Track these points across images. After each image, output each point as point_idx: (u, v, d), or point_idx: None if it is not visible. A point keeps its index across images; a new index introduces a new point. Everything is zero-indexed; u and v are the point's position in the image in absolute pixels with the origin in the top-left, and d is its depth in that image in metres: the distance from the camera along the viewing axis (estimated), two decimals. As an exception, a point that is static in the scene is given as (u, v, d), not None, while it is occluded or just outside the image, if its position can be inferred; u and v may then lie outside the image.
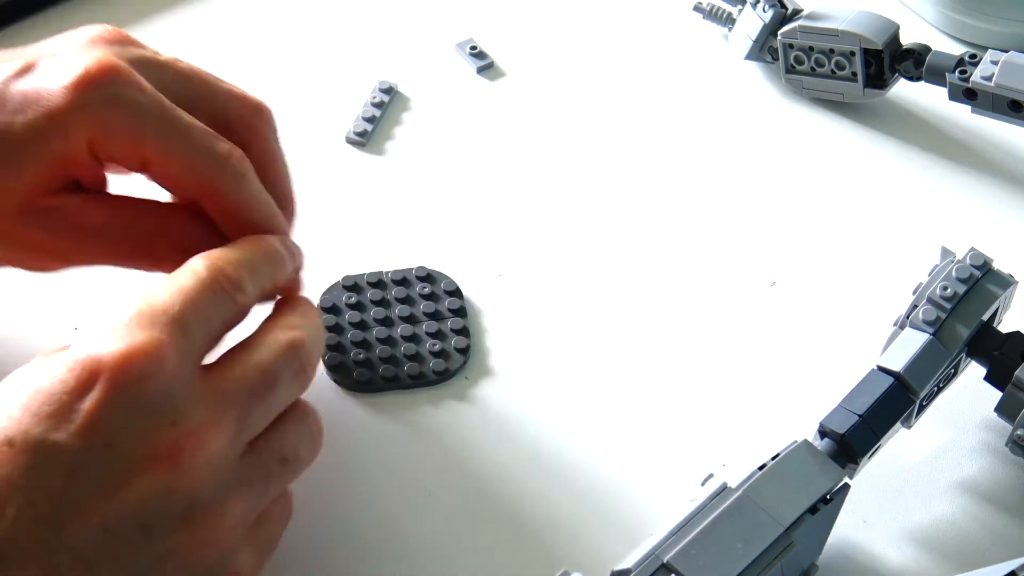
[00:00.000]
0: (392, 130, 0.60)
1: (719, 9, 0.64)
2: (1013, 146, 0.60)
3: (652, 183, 0.58)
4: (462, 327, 0.51)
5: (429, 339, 0.50)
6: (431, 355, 0.50)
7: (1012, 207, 0.57)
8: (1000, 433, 0.47)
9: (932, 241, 0.50)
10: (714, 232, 0.56)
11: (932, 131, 0.61)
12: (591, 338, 0.51)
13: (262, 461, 0.39)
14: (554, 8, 0.67)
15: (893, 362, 0.44)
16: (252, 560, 0.39)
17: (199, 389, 0.37)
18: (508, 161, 0.59)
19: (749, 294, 0.53)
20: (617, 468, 0.47)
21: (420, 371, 0.49)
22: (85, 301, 0.52)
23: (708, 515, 0.40)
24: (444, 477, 0.47)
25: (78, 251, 0.44)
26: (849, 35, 0.58)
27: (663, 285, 0.53)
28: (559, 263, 0.54)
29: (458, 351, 0.50)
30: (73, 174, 0.43)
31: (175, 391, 0.36)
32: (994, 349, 0.45)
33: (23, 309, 0.52)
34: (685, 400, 0.49)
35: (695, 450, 0.48)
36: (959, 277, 0.46)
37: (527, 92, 0.63)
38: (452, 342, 0.50)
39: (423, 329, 0.50)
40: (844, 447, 0.43)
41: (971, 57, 0.56)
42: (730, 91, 0.63)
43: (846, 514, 0.43)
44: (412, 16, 0.66)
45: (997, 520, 0.46)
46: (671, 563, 0.38)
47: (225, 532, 0.37)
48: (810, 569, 0.42)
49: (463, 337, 0.50)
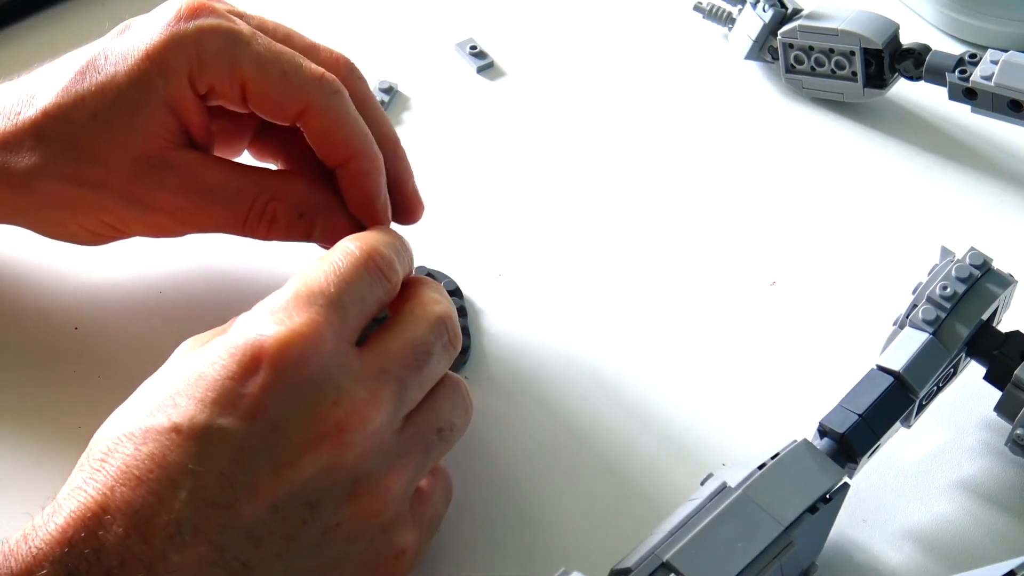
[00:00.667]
0: (392, 130, 0.60)
1: (719, 9, 0.64)
2: (1013, 146, 0.60)
3: (652, 183, 0.58)
4: (462, 327, 0.51)
5: None
6: None
7: (1012, 207, 0.57)
8: (1000, 432, 0.47)
9: (932, 241, 0.50)
10: (714, 232, 0.56)
11: (932, 131, 0.61)
12: (591, 337, 0.51)
13: (420, 433, 0.40)
14: (554, 8, 0.67)
15: (893, 361, 0.44)
16: (415, 537, 0.40)
17: (357, 367, 0.38)
18: (508, 161, 0.59)
19: (749, 293, 0.53)
20: (617, 467, 0.47)
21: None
22: (85, 301, 0.52)
23: (708, 514, 0.40)
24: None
25: (196, 213, 0.45)
26: (849, 35, 0.58)
27: (663, 284, 0.53)
28: (559, 263, 0.54)
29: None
30: (183, 122, 0.45)
31: (335, 370, 0.37)
32: (994, 348, 0.45)
33: (23, 309, 0.52)
34: (685, 399, 0.49)
35: (695, 449, 0.48)
36: (959, 276, 0.46)
37: (527, 92, 0.63)
38: None
39: None
40: (844, 446, 0.43)
41: (971, 57, 0.56)
42: (730, 91, 0.63)
43: (846, 513, 0.43)
44: (412, 16, 0.66)
45: (997, 520, 0.46)
46: (671, 562, 0.38)
47: (388, 504, 0.38)
48: (810, 568, 0.42)
49: (463, 337, 0.50)
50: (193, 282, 0.53)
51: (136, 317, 0.51)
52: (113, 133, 0.44)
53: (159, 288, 0.52)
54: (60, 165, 0.45)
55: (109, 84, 0.44)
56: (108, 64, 0.44)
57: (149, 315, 0.51)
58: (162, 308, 0.52)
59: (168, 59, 0.44)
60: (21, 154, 0.45)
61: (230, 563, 0.36)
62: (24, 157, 0.45)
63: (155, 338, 0.45)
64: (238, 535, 0.36)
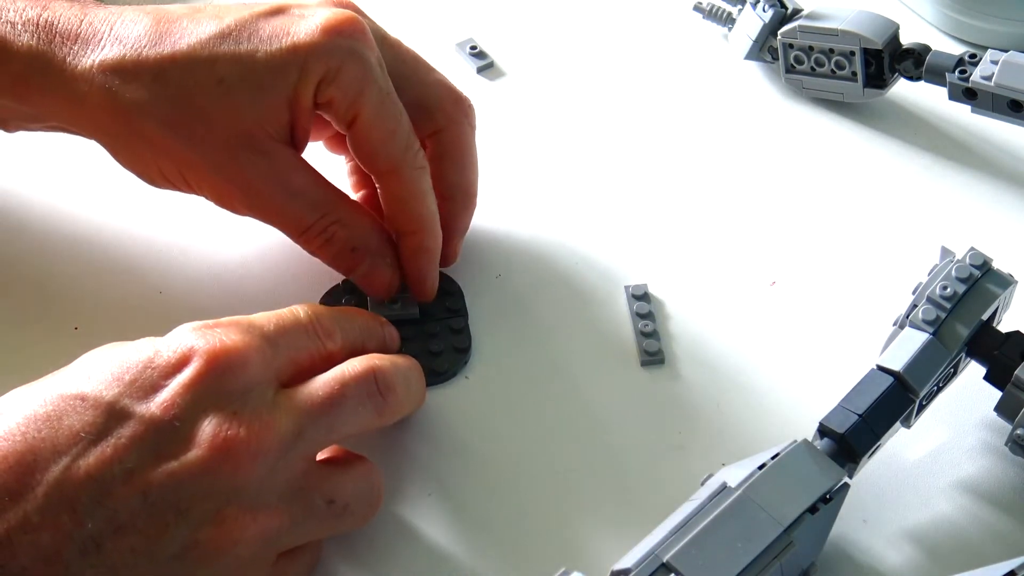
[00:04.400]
0: (392, 130, 0.60)
1: (719, 9, 0.64)
2: (1013, 146, 0.60)
3: (652, 183, 0.58)
4: (462, 327, 0.51)
5: (429, 339, 0.50)
6: (431, 355, 0.50)
7: (1012, 207, 0.57)
8: (1000, 432, 0.47)
9: (932, 241, 0.50)
10: (714, 231, 0.56)
11: (932, 131, 0.61)
12: (593, 337, 0.51)
13: (310, 492, 0.40)
14: (554, 8, 0.67)
15: (893, 362, 0.44)
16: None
17: (270, 396, 0.40)
18: (508, 161, 0.59)
19: (749, 294, 0.53)
20: (617, 467, 0.47)
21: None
22: (85, 301, 0.52)
23: (708, 514, 0.40)
24: (443, 476, 0.47)
25: (267, 204, 0.47)
26: (849, 35, 0.58)
27: (663, 284, 0.53)
28: (559, 263, 0.54)
29: (458, 351, 0.50)
30: (292, 120, 0.46)
31: (250, 391, 0.39)
32: (994, 348, 0.45)
33: (23, 310, 0.52)
34: (684, 399, 0.49)
35: (695, 449, 0.48)
36: (959, 276, 0.46)
37: (527, 92, 0.63)
38: (452, 342, 0.50)
39: (423, 329, 0.50)
40: (844, 447, 0.43)
41: (971, 57, 0.56)
42: (730, 91, 0.63)
43: (846, 513, 0.43)
44: (412, 16, 0.66)
45: (997, 520, 0.46)
46: (671, 562, 0.38)
47: (250, 539, 0.38)
48: (810, 568, 0.42)
49: (463, 337, 0.50)
50: (193, 282, 0.53)
51: (136, 317, 0.51)
52: (230, 103, 0.45)
53: (159, 288, 0.52)
54: (168, 111, 0.45)
55: (246, 57, 0.45)
56: (252, 39, 0.45)
57: (149, 315, 0.51)
58: (162, 308, 0.52)
59: (310, 61, 0.45)
60: (135, 86, 0.45)
61: (86, 541, 0.36)
62: (137, 90, 0.45)
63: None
64: (102, 515, 0.36)
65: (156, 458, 0.37)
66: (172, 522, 0.37)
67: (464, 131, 0.50)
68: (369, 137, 0.46)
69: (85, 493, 0.36)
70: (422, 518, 0.45)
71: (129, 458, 0.37)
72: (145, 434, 0.37)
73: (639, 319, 0.51)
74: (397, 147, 0.47)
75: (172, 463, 0.37)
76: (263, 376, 0.39)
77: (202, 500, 0.37)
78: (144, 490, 0.37)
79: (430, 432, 0.48)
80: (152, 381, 0.38)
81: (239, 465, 0.38)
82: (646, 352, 0.50)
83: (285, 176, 0.46)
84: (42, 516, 0.36)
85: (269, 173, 0.46)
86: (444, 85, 0.50)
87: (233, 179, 0.46)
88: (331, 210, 0.47)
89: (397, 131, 0.47)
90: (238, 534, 0.38)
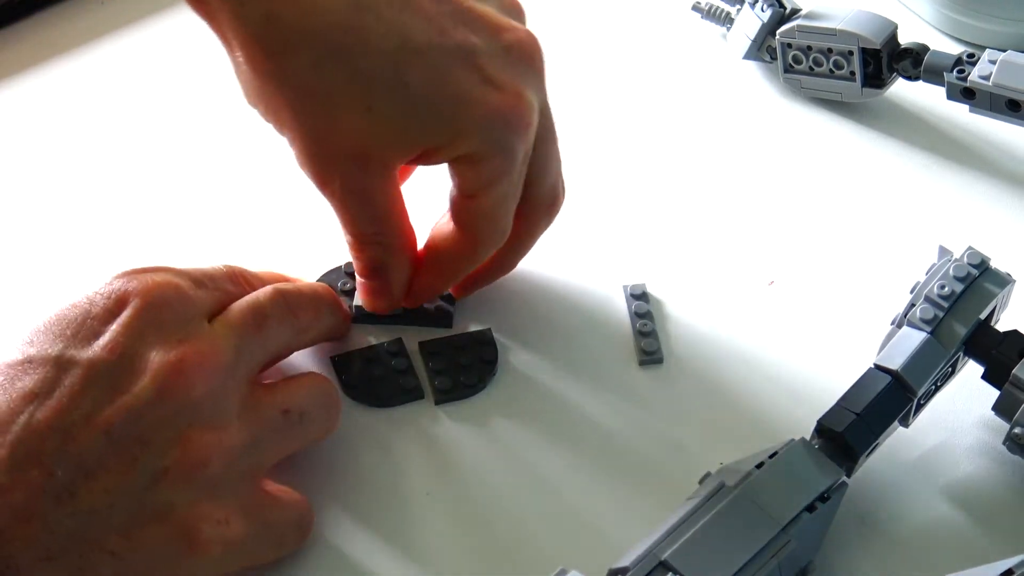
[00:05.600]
0: (391, 130, 0.60)
1: (717, 9, 0.64)
2: (1011, 145, 0.60)
3: (650, 182, 0.58)
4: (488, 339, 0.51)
5: (458, 352, 0.50)
6: (460, 368, 0.50)
7: (1010, 206, 0.57)
8: (997, 431, 0.47)
9: (930, 240, 0.51)
10: (712, 231, 0.56)
11: (930, 130, 0.61)
12: (590, 337, 0.51)
13: (264, 405, 0.42)
14: (553, 8, 0.67)
15: (891, 361, 0.44)
16: (242, 526, 0.40)
17: (204, 325, 0.41)
18: (507, 161, 0.59)
19: (747, 293, 0.53)
20: (616, 467, 0.47)
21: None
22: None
23: (706, 513, 0.40)
24: (443, 477, 0.47)
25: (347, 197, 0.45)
26: (847, 34, 0.58)
27: (662, 284, 0.53)
28: (558, 262, 0.54)
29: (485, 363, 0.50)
30: (414, 160, 0.45)
31: (189, 320, 0.40)
32: (992, 348, 0.45)
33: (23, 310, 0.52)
34: (683, 398, 0.49)
35: (693, 448, 0.48)
36: (957, 276, 0.46)
37: (526, 92, 0.63)
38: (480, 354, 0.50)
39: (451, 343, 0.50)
40: (842, 445, 0.43)
41: (969, 56, 0.56)
42: (728, 91, 0.63)
43: (844, 512, 0.43)
44: (411, 16, 0.66)
45: (995, 518, 0.46)
46: (669, 561, 0.38)
47: (215, 458, 0.39)
48: (808, 567, 0.42)
49: (491, 348, 0.50)
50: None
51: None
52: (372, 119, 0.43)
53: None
54: (344, 86, 0.43)
55: (436, 81, 0.43)
56: (444, 68, 0.43)
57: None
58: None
59: (460, 139, 0.44)
60: (303, 48, 0.42)
61: (59, 491, 0.37)
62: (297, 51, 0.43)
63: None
64: (70, 462, 0.37)
65: (111, 396, 0.38)
66: (139, 454, 0.38)
67: (540, 230, 0.50)
68: (475, 214, 0.46)
69: (49, 444, 0.37)
70: (420, 517, 0.45)
71: (85, 402, 0.38)
72: (96, 376, 0.38)
73: (637, 318, 0.51)
74: (493, 232, 0.47)
75: (127, 396, 0.38)
76: (197, 308, 0.41)
77: (162, 427, 0.38)
78: (106, 429, 0.37)
79: (429, 432, 0.48)
80: (93, 329, 0.39)
81: (191, 384, 0.39)
82: (644, 351, 0.50)
83: (383, 193, 0.46)
84: (11, 476, 0.36)
85: (373, 183, 0.45)
86: (555, 188, 0.50)
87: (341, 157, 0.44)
88: (385, 231, 0.47)
89: (502, 223, 0.47)
90: (204, 453, 0.39)
